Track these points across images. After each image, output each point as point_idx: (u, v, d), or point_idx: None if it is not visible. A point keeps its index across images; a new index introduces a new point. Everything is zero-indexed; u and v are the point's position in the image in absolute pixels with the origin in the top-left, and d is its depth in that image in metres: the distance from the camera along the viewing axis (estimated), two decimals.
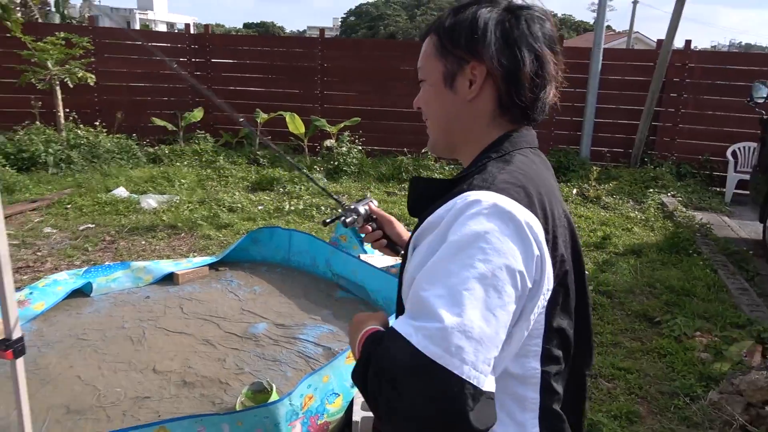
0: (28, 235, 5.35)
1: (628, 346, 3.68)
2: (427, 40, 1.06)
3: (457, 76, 1.00)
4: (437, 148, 1.11)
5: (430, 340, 0.74)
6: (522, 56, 0.96)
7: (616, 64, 9.04)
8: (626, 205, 7.16)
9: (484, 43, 0.96)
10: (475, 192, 0.86)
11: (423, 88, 1.07)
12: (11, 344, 1.53)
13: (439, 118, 1.06)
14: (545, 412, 0.94)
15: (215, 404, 2.86)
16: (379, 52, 9.81)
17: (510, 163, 0.95)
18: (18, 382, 1.57)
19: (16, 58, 7.85)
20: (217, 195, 6.86)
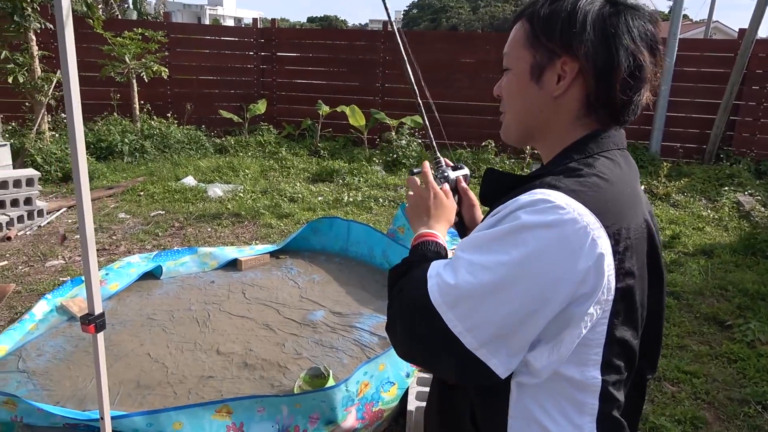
0: (104, 220, 5.68)
1: (696, 349, 3.54)
2: (518, 26, 1.00)
3: (546, 70, 0.95)
4: (509, 137, 1.06)
5: (438, 288, 0.85)
6: (618, 56, 0.90)
7: (693, 55, 8.62)
8: (698, 203, 6.84)
9: (581, 38, 0.90)
10: (544, 190, 0.85)
11: (506, 77, 1.02)
12: (93, 319, 1.64)
13: (519, 111, 1.01)
14: (604, 417, 0.94)
15: (274, 386, 2.96)
16: (441, 45, 9.73)
17: (592, 167, 0.90)
18: (98, 354, 1.68)
19: (97, 52, 8.30)
20: (279, 185, 7.03)
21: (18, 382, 2.91)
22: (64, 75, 1.50)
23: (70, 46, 1.47)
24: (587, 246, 0.81)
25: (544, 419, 0.91)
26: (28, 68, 6.93)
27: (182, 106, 9.35)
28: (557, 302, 0.82)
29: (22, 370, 3.01)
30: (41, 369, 3.02)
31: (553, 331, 0.85)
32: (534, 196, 0.84)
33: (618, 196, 0.88)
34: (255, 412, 2.42)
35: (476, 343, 0.83)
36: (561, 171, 0.91)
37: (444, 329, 0.84)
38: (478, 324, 0.82)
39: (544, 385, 0.90)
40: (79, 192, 1.55)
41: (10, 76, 6.69)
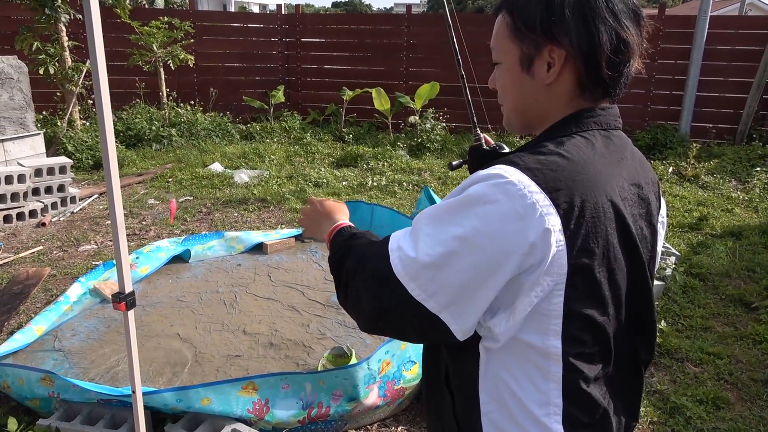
0: (134, 206, 5.83)
1: (720, 331, 3.51)
2: (500, 18, 1.01)
3: (535, 60, 0.96)
4: (512, 127, 1.09)
5: (401, 261, 0.93)
6: (601, 36, 0.91)
7: (724, 32, 8.38)
8: (728, 184, 6.70)
9: (562, 25, 0.92)
10: (502, 166, 0.88)
11: (499, 71, 1.04)
12: (124, 297, 1.72)
13: (516, 102, 1.03)
14: (571, 389, 0.96)
15: (299, 365, 3.04)
16: (465, 27, 9.63)
17: (561, 145, 0.93)
18: (129, 331, 1.76)
19: (125, 42, 8.46)
20: (303, 170, 7.11)
21: (54, 360, 3.05)
22: (93, 64, 1.56)
23: (98, 36, 1.53)
24: (535, 220, 0.84)
25: (511, 382, 0.97)
26: (58, 59, 7.11)
27: (208, 93, 9.47)
28: (507, 272, 0.87)
29: (58, 349, 3.14)
30: (76, 348, 3.15)
31: (508, 299, 0.91)
32: (491, 170, 0.89)
33: (576, 175, 0.89)
34: (280, 388, 2.50)
35: (438, 306, 0.90)
36: (528, 148, 0.95)
37: (408, 297, 0.91)
38: (437, 291, 0.90)
39: (510, 350, 0.96)
40: (109, 177, 1.62)
41: (41, 67, 6.87)
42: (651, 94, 8.66)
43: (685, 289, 4.00)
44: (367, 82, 9.28)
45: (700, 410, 2.76)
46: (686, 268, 4.30)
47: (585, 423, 0.99)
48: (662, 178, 6.93)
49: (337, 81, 9.62)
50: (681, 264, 4.36)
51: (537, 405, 0.96)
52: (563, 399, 0.97)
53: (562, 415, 0.96)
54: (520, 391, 0.97)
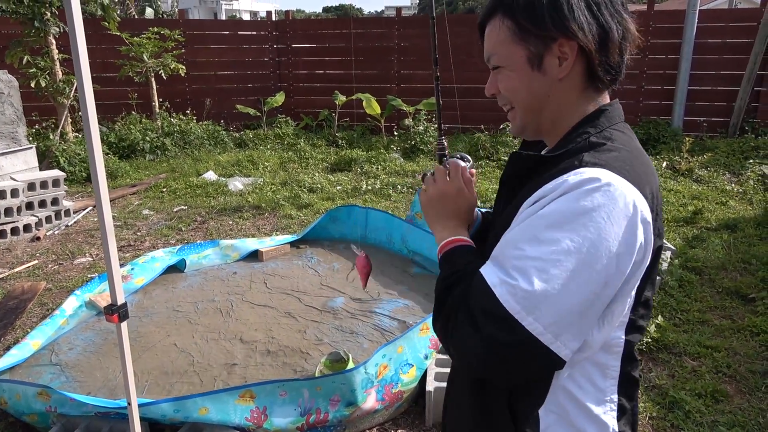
0: (129, 217, 5.82)
1: (717, 324, 3.51)
2: (496, 23, 1.00)
3: (545, 56, 0.96)
4: (527, 132, 1.07)
5: (513, 296, 0.83)
6: (608, 24, 0.94)
7: (714, 26, 8.41)
8: (722, 177, 6.72)
9: (572, 17, 0.93)
10: (590, 169, 0.87)
11: (502, 75, 1.01)
12: (117, 309, 1.71)
13: (529, 103, 1.01)
14: (624, 378, 0.98)
15: (296, 371, 3.03)
16: (455, 28, 9.66)
17: (613, 140, 0.95)
18: (123, 343, 1.76)
19: (115, 53, 8.45)
20: (298, 176, 7.11)
21: (52, 374, 3.04)
22: (77, 76, 1.56)
23: (82, 48, 1.53)
24: (638, 219, 0.85)
25: (572, 387, 0.95)
26: (49, 72, 7.10)
27: (201, 102, 9.47)
28: (621, 279, 0.86)
29: (55, 363, 3.13)
30: (73, 361, 3.14)
31: (608, 305, 0.89)
32: (581, 175, 0.86)
33: (641, 165, 0.93)
34: (277, 396, 2.50)
35: (552, 337, 0.83)
36: (587, 147, 0.94)
37: (526, 333, 0.83)
38: (555, 320, 0.83)
39: (576, 355, 0.90)
40: (97, 187, 1.62)
41: (32, 81, 6.85)
42: (642, 90, 8.68)
43: (682, 283, 4.01)
44: (359, 86, 9.29)
45: (699, 404, 2.76)
46: (682, 262, 4.31)
47: (627, 409, 1.01)
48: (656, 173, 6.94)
49: (330, 86, 9.63)
50: (677, 258, 4.37)
51: (596, 404, 0.97)
52: (617, 393, 0.99)
53: (616, 409, 0.99)
54: (580, 395, 0.95)
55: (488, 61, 1.03)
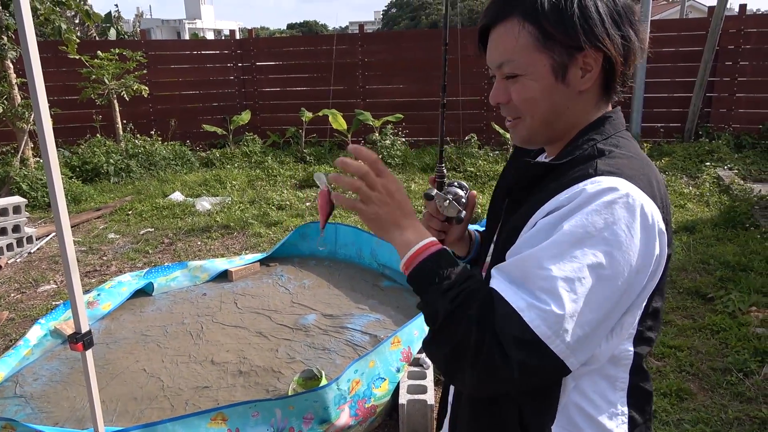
0: (94, 242, 5.71)
1: (680, 324, 3.62)
2: (513, 27, 0.93)
3: (569, 67, 0.92)
4: (534, 141, 1.02)
5: (544, 321, 0.80)
6: (630, 36, 0.92)
7: (665, 35, 8.73)
8: (679, 181, 6.94)
9: (603, 27, 0.90)
10: (607, 178, 0.85)
11: (520, 84, 0.95)
12: (81, 337, 1.69)
13: (545, 114, 0.96)
14: (634, 391, 0.97)
15: (269, 391, 3.01)
16: (419, 43, 9.82)
17: (620, 147, 0.93)
18: (88, 371, 1.73)
19: (76, 75, 8.33)
20: (266, 194, 7.09)
21: (17, 406, 2.96)
22: (33, 101, 1.55)
23: (38, 72, 1.52)
24: (655, 230, 0.85)
25: (583, 402, 0.93)
26: (7, 96, 6.96)
27: (165, 122, 9.38)
28: (637, 291, 0.86)
29: (20, 395, 3.05)
30: (38, 392, 3.07)
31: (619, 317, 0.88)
32: (599, 185, 0.84)
33: (651, 173, 0.92)
34: (249, 417, 2.48)
35: (571, 353, 0.82)
36: (595, 154, 0.92)
37: (554, 356, 0.81)
38: (579, 338, 0.82)
39: (584, 367, 0.89)
40: (57, 213, 1.61)
41: None
42: None
43: None
44: (325, 102, 9.32)
45: (664, 403, 2.84)
46: None
47: (640, 422, 0.99)
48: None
49: (296, 102, 9.65)
50: None
51: (608, 418, 0.95)
52: (627, 405, 0.97)
53: (627, 422, 0.97)
54: (591, 409, 0.94)
55: (500, 68, 0.96)
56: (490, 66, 0.98)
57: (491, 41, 0.97)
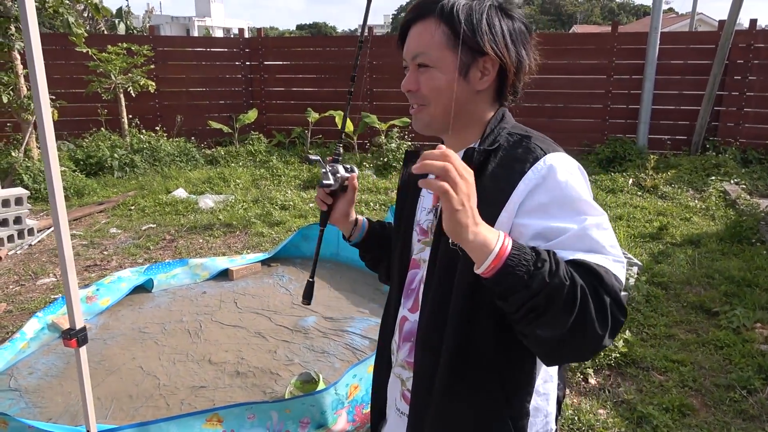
0: (95, 236, 5.69)
1: (683, 338, 3.58)
2: (430, 26, 1.08)
3: (471, 67, 1.09)
4: (432, 128, 1.14)
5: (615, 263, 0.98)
6: (526, 57, 1.12)
7: (675, 48, 8.69)
8: (685, 194, 6.90)
9: (503, 41, 1.08)
10: (555, 154, 1.04)
11: (429, 74, 1.09)
12: (75, 333, 1.66)
13: (447, 104, 1.10)
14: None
15: (266, 393, 2.98)
16: None
17: (530, 131, 1.12)
18: (81, 368, 1.70)
19: (84, 69, 8.33)
20: (270, 194, 7.06)
21: (11, 400, 2.93)
22: (34, 94, 1.53)
23: (39, 65, 1.50)
24: None
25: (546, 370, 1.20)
26: (13, 87, 6.95)
27: (171, 118, 9.37)
28: None
29: (14, 389, 3.02)
30: (33, 386, 3.04)
31: None
32: (555, 160, 1.03)
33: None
34: (245, 419, 2.45)
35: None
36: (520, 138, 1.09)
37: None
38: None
39: None
40: (55, 209, 1.58)
41: None
42: (609, 109, 8.89)
43: (648, 298, 4.08)
44: (332, 104, 9.30)
45: (666, 418, 2.80)
46: (648, 278, 4.39)
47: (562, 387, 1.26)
48: (623, 190, 7.09)
49: (303, 103, 9.63)
50: (643, 273, 4.45)
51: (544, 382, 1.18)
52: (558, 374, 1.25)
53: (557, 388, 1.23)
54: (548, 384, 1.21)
55: (414, 58, 1.11)
56: (406, 57, 1.13)
57: (410, 36, 1.12)
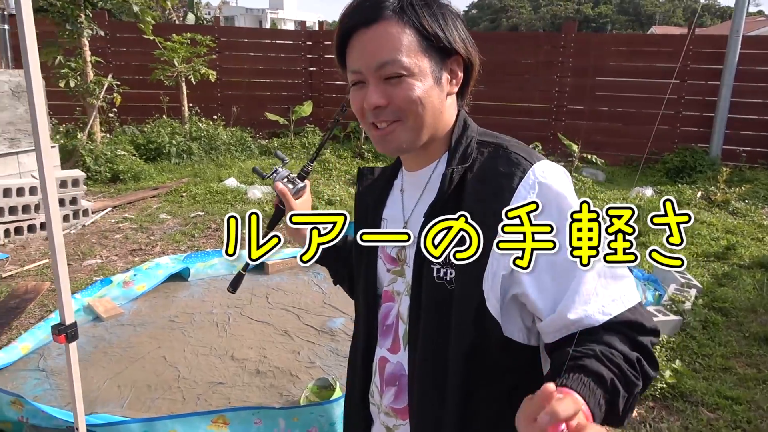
0: (145, 220, 5.82)
1: (741, 372, 3.24)
2: (392, 29, 0.93)
3: (442, 71, 0.98)
4: (413, 145, 0.99)
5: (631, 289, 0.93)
6: (475, 52, 1.01)
7: (759, 53, 8.05)
8: (760, 211, 6.36)
9: (462, 39, 0.98)
10: (541, 163, 0.93)
11: (406, 84, 0.94)
12: (65, 329, 1.62)
13: (427, 115, 0.97)
14: None
15: (282, 395, 2.90)
16: (490, 45, 9.52)
17: (499, 136, 1.03)
18: (71, 365, 1.66)
19: (150, 57, 8.58)
20: (318, 187, 7.03)
21: (36, 380, 2.98)
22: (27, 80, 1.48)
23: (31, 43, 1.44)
24: None
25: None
26: (80, 73, 7.21)
27: (231, 108, 9.53)
28: None
29: (42, 369, 3.08)
30: (59, 368, 3.08)
31: None
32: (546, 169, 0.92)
33: None
34: (252, 423, 2.37)
35: None
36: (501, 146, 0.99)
37: None
38: None
39: None
40: (46, 198, 1.53)
41: (62, 81, 6.97)
42: (680, 116, 8.35)
43: (706, 324, 3.74)
44: None
45: None
46: (708, 302, 4.03)
47: None
48: (689, 203, 6.62)
49: None
50: (702, 297, 4.10)
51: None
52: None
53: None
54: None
55: (381, 68, 0.93)
56: (364, 69, 0.95)
57: (365, 42, 0.94)
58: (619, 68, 8.77)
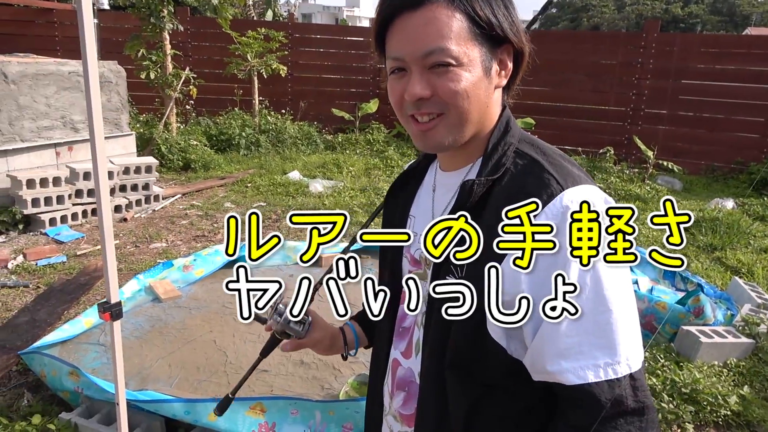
0: (211, 208, 6.03)
1: None
2: (443, 14, 0.84)
3: (492, 61, 0.89)
4: (456, 142, 0.92)
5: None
6: (526, 35, 0.92)
7: None
8: None
9: (517, 25, 0.90)
10: (573, 190, 0.83)
11: (453, 74, 0.86)
12: (110, 307, 1.68)
13: (473, 110, 0.89)
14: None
15: (323, 388, 2.92)
16: (560, 44, 9.22)
17: (541, 146, 0.94)
18: (114, 343, 1.73)
19: (225, 51, 8.89)
20: (378, 184, 7.05)
21: (96, 353, 3.14)
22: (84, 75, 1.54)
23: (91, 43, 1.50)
24: None
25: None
26: (161, 65, 7.56)
27: (299, 102, 9.73)
28: None
29: (102, 344, 3.24)
30: None
31: None
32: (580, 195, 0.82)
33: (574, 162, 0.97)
34: (288, 413, 2.39)
35: None
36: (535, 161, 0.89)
37: None
38: None
39: None
40: (98, 186, 1.60)
41: (143, 73, 7.33)
42: None
43: None
44: None
45: None
46: None
47: None
48: None
49: None
50: None
51: None
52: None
53: None
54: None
55: (427, 57, 0.85)
56: (407, 57, 0.86)
57: (411, 27, 0.85)
58: (706, 71, 8.26)
